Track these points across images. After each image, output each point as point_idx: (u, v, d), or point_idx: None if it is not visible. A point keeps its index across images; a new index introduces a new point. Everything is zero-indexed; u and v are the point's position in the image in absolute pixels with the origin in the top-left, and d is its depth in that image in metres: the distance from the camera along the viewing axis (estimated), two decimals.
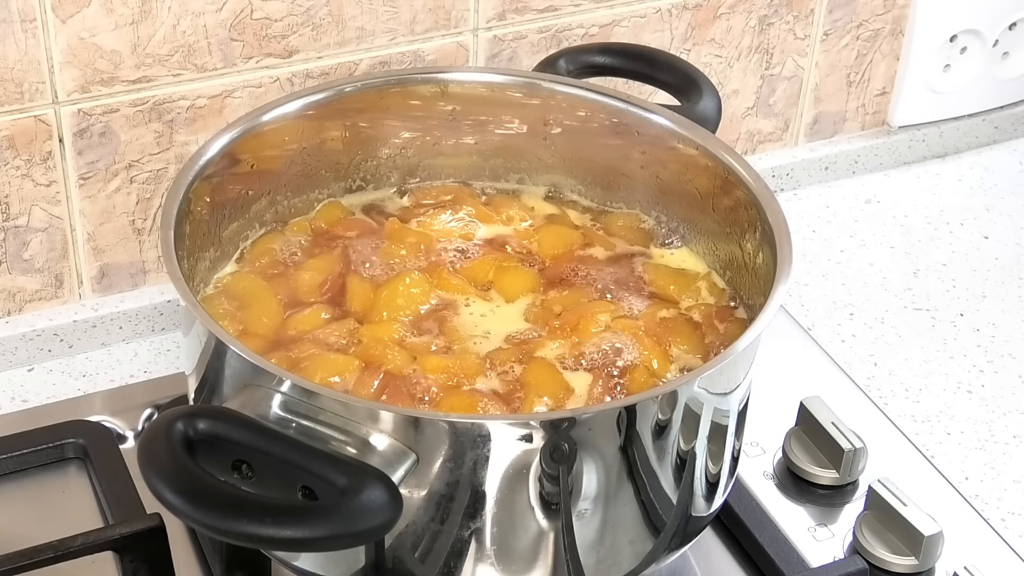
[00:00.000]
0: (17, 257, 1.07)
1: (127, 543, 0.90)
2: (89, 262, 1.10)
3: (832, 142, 1.35)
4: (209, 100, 1.07)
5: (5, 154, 1.03)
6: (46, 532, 0.91)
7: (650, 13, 1.20)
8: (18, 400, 1.07)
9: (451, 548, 0.80)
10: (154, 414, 1.04)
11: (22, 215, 1.06)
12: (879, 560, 0.95)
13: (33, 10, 0.99)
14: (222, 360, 0.81)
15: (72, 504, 0.98)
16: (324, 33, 1.08)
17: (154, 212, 1.09)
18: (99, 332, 1.11)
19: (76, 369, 1.10)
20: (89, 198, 1.07)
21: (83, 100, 1.03)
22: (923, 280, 1.24)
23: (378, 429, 0.76)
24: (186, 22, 1.04)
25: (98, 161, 1.06)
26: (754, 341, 0.82)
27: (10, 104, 1.01)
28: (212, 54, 1.06)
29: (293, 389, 0.77)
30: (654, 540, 0.85)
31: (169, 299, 1.12)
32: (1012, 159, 1.40)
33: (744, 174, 0.94)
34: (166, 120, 1.06)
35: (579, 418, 0.78)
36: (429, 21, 1.12)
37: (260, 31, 1.06)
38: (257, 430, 0.75)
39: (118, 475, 0.97)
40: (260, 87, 1.08)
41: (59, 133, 1.04)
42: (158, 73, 1.05)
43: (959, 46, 1.33)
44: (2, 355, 1.09)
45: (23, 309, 1.10)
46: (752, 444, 1.04)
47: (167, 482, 0.71)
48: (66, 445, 1.00)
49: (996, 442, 1.08)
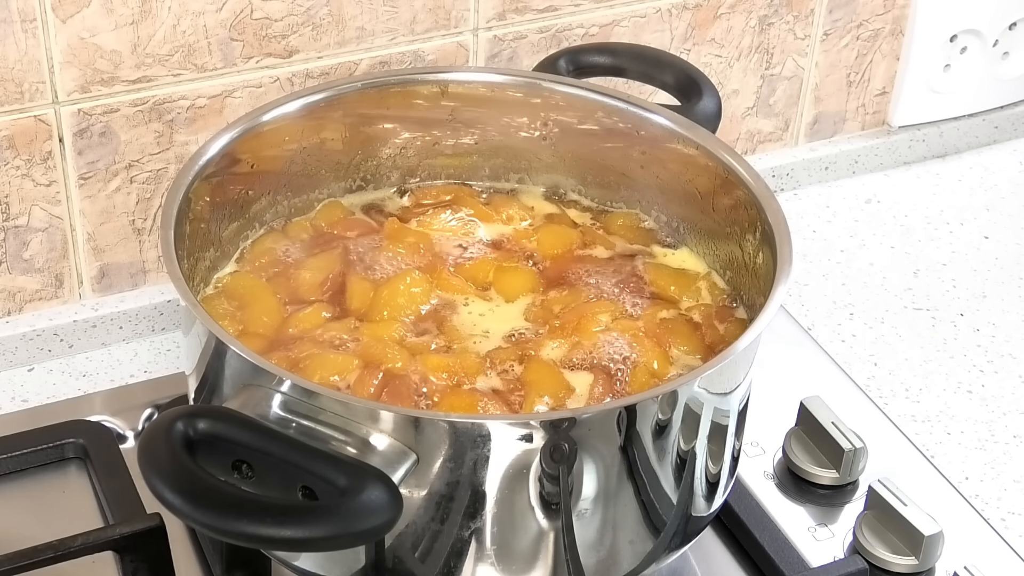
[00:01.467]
0: (17, 257, 1.07)
1: (127, 543, 0.90)
2: (89, 262, 1.10)
3: (832, 142, 1.35)
4: (209, 100, 1.07)
5: (5, 154, 1.03)
6: (46, 532, 0.91)
7: (650, 13, 1.20)
8: (18, 400, 1.07)
9: (451, 548, 0.80)
10: (154, 414, 1.04)
11: (22, 215, 1.06)
12: (879, 560, 0.95)
13: (33, 10, 0.99)
14: (222, 360, 0.81)
15: (72, 504, 0.98)
16: (324, 33, 1.08)
17: (154, 212, 1.09)
18: (99, 332, 1.11)
19: (76, 369, 1.10)
20: (89, 198, 1.07)
21: (83, 100, 1.03)
22: (923, 280, 1.24)
23: (378, 429, 0.76)
24: (186, 22, 1.04)
25: (98, 161, 1.06)
26: (754, 341, 0.82)
27: (10, 104, 1.02)
28: (212, 54, 1.06)
29: (293, 389, 0.77)
30: (654, 540, 0.85)
31: (169, 299, 1.12)
32: (1012, 159, 1.40)
33: (744, 174, 0.94)
34: (166, 120, 1.07)
35: (579, 418, 0.78)
36: (429, 21, 1.12)
37: (260, 31, 1.06)
38: (257, 430, 0.75)
39: (118, 475, 0.97)
40: (260, 87, 1.08)
41: (59, 133, 1.04)
42: (158, 73, 1.05)
43: (959, 46, 1.33)
44: (2, 355, 1.09)
45: (23, 309, 1.10)
46: (752, 444, 1.04)
47: (167, 482, 0.71)
48: (66, 445, 1.00)
49: (996, 442, 1.08)
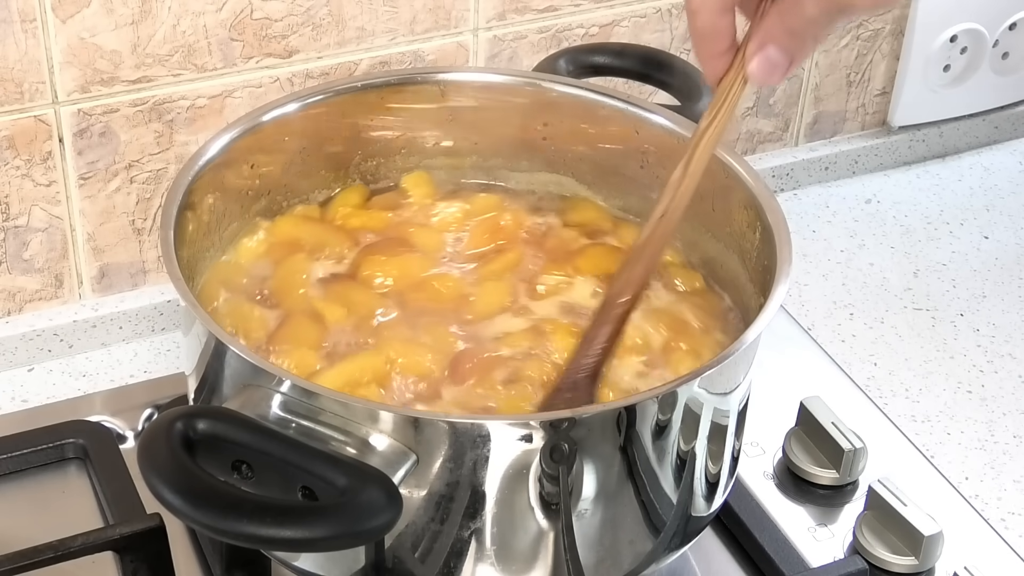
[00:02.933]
0: (17, 257, 1.07)
1: (127, 543, 0.90)
2: (89, 262, 1.10)
3: (832, 142, 1.35)
4: (209, 100, 1.07)
5: (5, 154, 1.03)
6: (46, 532, 0.91)
7: (650, 13, 1.20)
8: (18, 400, 1.07)
9: (451, 548, 0.80)
10: (154, 414, 1.04)
11: (22, 215, 1.06)
12: (879, 560, 0.95)
13: (33, 10, 0.99)
14: (222, 360, 0.81)
15: (72, 504, 0.98)
16: (324, 33, 1.08)
17: (154, 212, 1.09)
18: (99, 332, 1.11)
19: (76, 369, 1.10)
20: (89, 198, 1.07)
21: (83, 100, 1.03)
22: (923, 280, 1.24)
23: (378, 429, 0.76)
24: (186, 22, 1.04)
25: (98, 161, 1.06)
26: (754, 341, 0.82)
27: (10, 104, 1.02)
28: (212, 54, 1.06)
29: (293, 389, 0.77)
30: (654, 540, 0.85)
31: (169, 299, 1.12)
32: (1012, 159, 1.40)
33: (744, 174, 0.94)
34: (166, 120, 1.06)
35: (579, 418, 0.78)
36: (429, 21, 1.12)
37: (260, 31, 1.06)
38: (257, 430, 0.75)
39: (118, 475, 0.97)
40: (260, 87, 1.08)
41: (59, 133, 1.04)
42: (158, 73, 1.05)
43: (959, 46, 1.33)
44: (2, 355, 1.09)
45: (23, 309, 1.10)
46: (752, 444, 1.04)
47: (167, 482, 0.71)
48: (66, 445, 1.00)
49: (996, 442, 1.08)
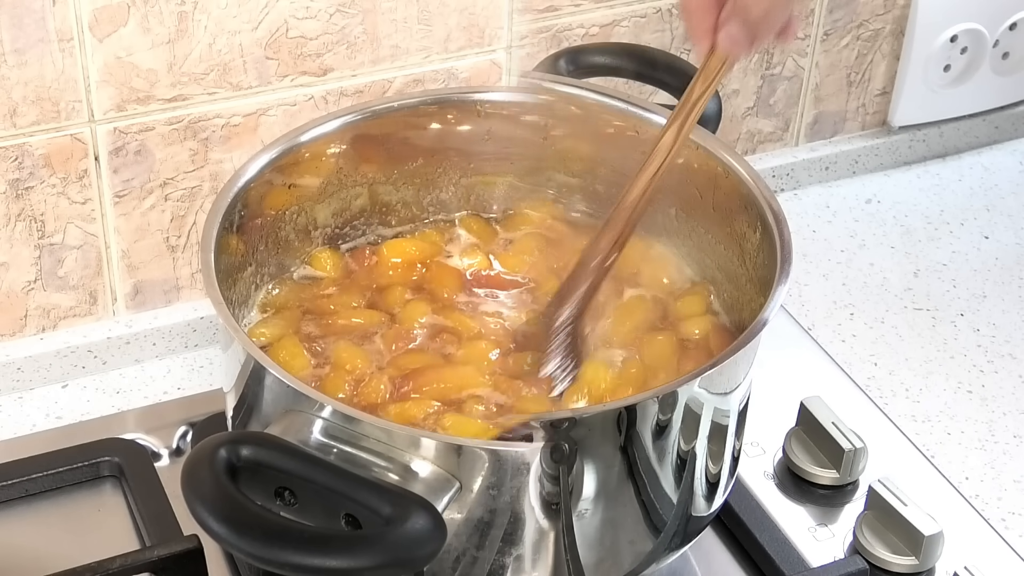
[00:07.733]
0: (52, 274, 1.07)
1: (165, 565, 0.90)
2: (123, 279, 1.10)
3: (832, 142, 1.35)
4: (244, 118, 1.07)
5: (41, 172, 1.03)
6: (82, 551, 0.92)
7: (650, 13, 1.19)
8: (52, 417, 1.07)
9: (489, 570, 0.80)
10: (188, 432, 1.04)
11: (57, 232, 1.06)
12: (879, 560, 0.95)
13: (70, 29, 0.99)
14: (261, 384, 0.81)
15: (108, 523, 0.98)
16: (359, 51, 1.08)
17: (188, 229, 1.10)
18: (133, 348, 1.11)
19: (110, 386, 1.10)
20: (124, 216, 1.07)
21: (119, 119, 1.04)
22: (923, 280, 1.24)
23: (420, 456, 0.76)
24: (222, 41, 1.04)
25: (133, 179, 1.06)
26: (754, 341, 0.82)
27: (47, 123, 1.02)
28: (247, 72, 1.06)
29: (334, 415, 0.77)
30: (654, 540, 0.85)
31: (202, 315, 1.12)
32: (1012, 159, 1.40)
33: (744, 174, 0.93)
34: (201, 138, 1.07)
35: (579, 418, 0.78)
36: (463, 39, 1.12)
37: (295, 49, 1.06)
38: (300, 457, 0.75)
39: (154, 494, 0.98)
40: (294, 105, 1.08)
41: (95, 151, 1.04)
42: (193, 91, 1.05)
43: (959, 46, 1.33)
44: (36, 372, 1.09)
45: (57, 326, 1.10)
46: (752, 444, 1.04)
47: (211, 511, 0.71)
48: (101, 463, 1.00)
49: (996, 442, 1.08)
